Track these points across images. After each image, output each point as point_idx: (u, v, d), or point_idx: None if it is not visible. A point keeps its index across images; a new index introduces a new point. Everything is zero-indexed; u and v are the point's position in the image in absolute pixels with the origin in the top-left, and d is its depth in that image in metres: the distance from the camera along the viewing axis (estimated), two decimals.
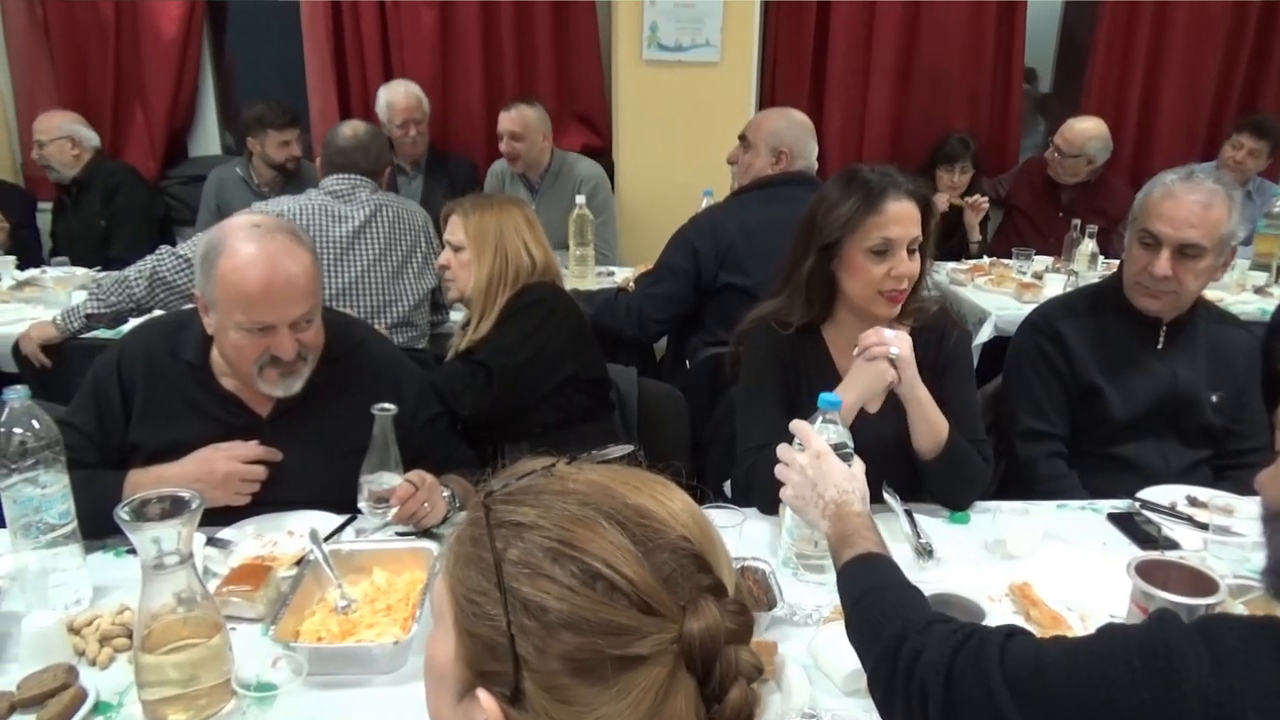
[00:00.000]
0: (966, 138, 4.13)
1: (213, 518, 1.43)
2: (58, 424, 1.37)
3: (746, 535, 1.56)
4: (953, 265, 3.68)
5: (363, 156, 2.74)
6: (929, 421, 1.66)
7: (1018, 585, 1.45)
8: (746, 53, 4.15)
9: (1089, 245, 3.45)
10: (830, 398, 1.43)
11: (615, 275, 3.38)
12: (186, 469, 1.55)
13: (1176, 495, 1.80)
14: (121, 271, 2.51)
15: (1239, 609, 1.30)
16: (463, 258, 2.14)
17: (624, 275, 3.27)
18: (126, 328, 2.45)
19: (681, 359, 2.84)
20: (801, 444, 1.33)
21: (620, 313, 2.75)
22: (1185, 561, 1.26)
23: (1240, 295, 3.31)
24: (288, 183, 3.76)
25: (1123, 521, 1.71)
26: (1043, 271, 3.52)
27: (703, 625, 0.61)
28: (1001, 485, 2.04)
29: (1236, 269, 3.33)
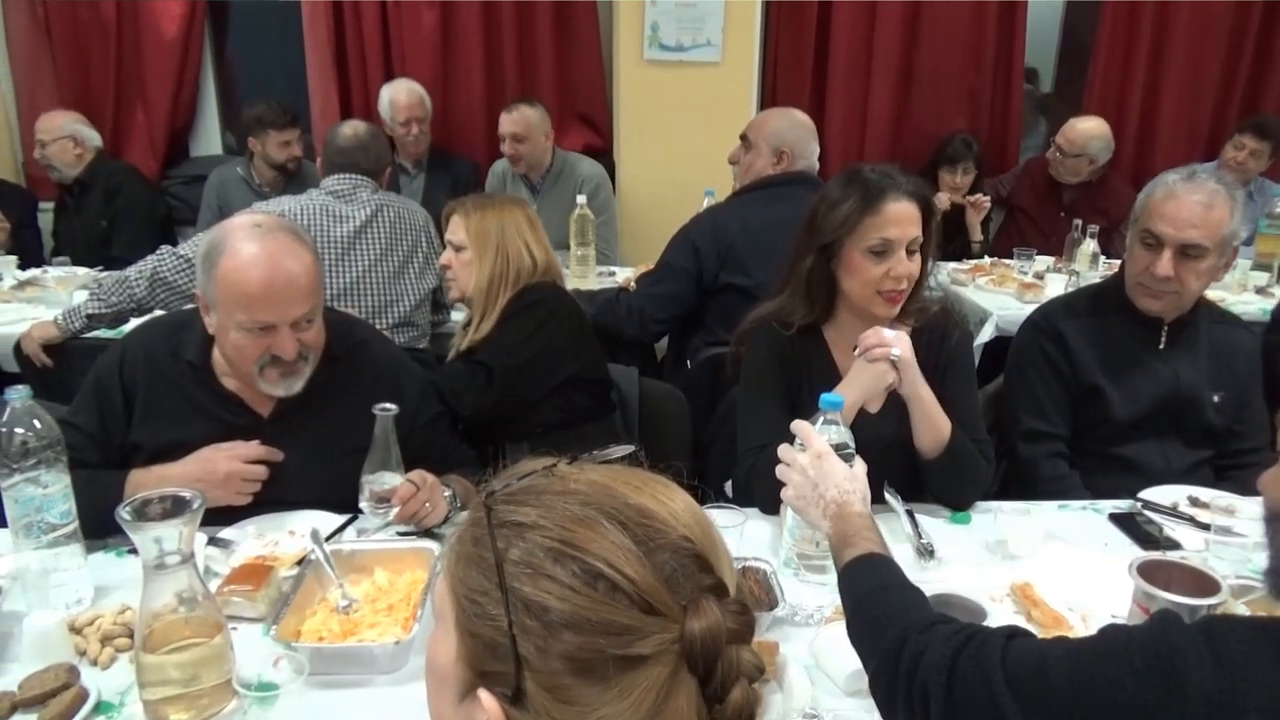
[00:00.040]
0: (970, 138, 4.11)
1: (214, 517, 1.43)
2: (59, 424, 1.37)
3: (748, 535, 1.56)
4: (954, 265, 3.67)
5: (363, 156, 2.74)
6: (931, 420, 1.66)
7: (1019, 586, 1.45)
8: (748, 53, 4.15)
9: (1090, 245, 3.45)
10: (831, 398, 1.43)
11: (616, 275, 3.38)
12: (188, 469, 1.55)
13: (1178, 495, 1.79)
14: (122, 271, 2.51)
15: (1241, 609, 1.30)
16: (464, 257, 2.14)
17: (625, 275, 3.26)
18: (128, 328, 2.45)
19: (682, 359, 2.83)
20: (803, 444, 1.33)
21: (621, 313, 2.75)
22: (1187, 562, 1.26)
23: (1242, 295, 3.31)
24: (289, 183, 3.76)
25: (1124, 522, 1.71)
26: (1044, 271, 3.51)
27: (704, 625, 0.61)
28: (1003, 485, 2.04)
29: (1238, 269, 3.33)
